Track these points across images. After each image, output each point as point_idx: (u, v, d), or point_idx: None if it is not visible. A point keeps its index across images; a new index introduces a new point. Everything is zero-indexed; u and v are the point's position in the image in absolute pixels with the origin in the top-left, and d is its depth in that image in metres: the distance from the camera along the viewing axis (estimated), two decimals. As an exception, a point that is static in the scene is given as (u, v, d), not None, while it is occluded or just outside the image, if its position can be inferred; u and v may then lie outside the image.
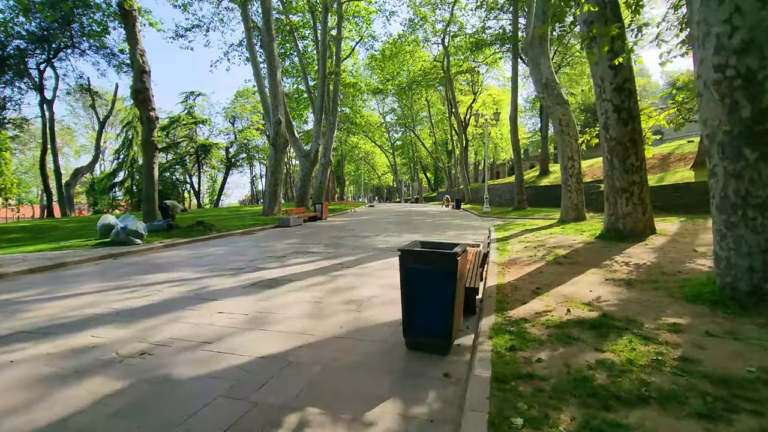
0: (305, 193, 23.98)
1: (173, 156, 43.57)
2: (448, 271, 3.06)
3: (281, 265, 7.02)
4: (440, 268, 3.09)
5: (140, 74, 12.60)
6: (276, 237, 11.75)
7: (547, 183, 25.26)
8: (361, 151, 55.03)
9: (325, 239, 10.78)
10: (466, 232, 12.32)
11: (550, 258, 6.38)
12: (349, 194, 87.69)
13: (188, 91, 43.91)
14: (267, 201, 19.38)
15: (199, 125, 45.56)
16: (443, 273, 3.08)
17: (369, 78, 45.61)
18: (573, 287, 4.62)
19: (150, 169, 12.79)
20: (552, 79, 12.52)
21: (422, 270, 3.15)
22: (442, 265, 3.08)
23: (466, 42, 32.30)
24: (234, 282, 5.75)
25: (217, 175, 54.10)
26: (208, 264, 7.30)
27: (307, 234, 12.36)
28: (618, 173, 7.76)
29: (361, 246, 9.34)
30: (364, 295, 4.92)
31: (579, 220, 12.02)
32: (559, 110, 12.36)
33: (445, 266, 3.08)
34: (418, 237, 11.12)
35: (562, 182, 12.68)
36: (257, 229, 13.92)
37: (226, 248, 9.39)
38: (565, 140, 12.37)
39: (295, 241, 10.60)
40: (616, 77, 7.62)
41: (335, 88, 29.76)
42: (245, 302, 4.70)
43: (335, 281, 5.71)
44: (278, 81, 18.70)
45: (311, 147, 24.66)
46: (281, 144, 19.05)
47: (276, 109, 18.69)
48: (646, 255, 6.13)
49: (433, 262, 3.12)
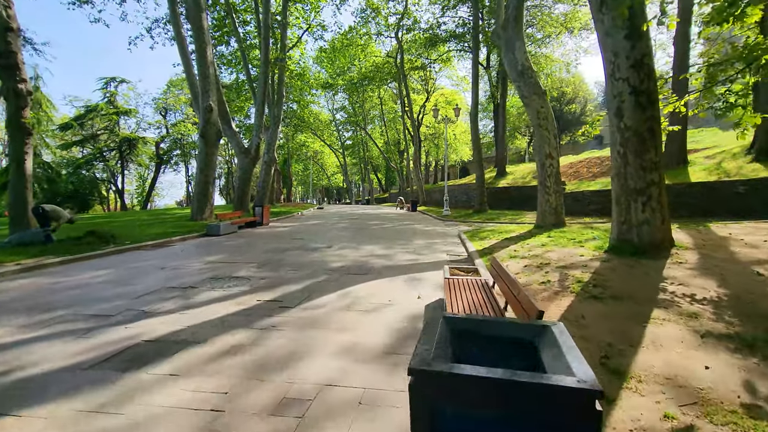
0: (244, 194, 20.99)
1: (91, 150, 37.75)
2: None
3: (182, 306, 4.57)
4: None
5: (4, 32, 9.29)
6: (197, 251, 9.08)
7: (505, 184, 24.42)
8: (310, 150, 51.96)
9: (261, 254, 8.33)
10: (435, 241, 10.46)
11: (575, 287, 4.59)
12: (296, 195, 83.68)
13: (108, 77, 38.19)
14: (195, 203, 16.27)
15: (122, 116, 39.97)
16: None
17: (318, 73, 42.92)
18: (664, 355, 2.78)
19: (20, 161, 9.50)
20: (528, 66, 11.04)
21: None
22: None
23: (419, 38, 30.86)
24: (78, 352, 3.27)
25: (149, 174, 48.21)
26: (61, 305, 4.66)
27: (240, 246, 9.79)
28: (633, 171, 6.23)
29: (309, 265, 7.06)
30: (311, 380, 2.73)
31: (558, 225, 10.64)
32: (537, 101, 10.92)
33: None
34: (379, 248, 9.04)
35: (538, 183, 11.26)
36: (176, 240, 11.05)
37: (114, 272, 6.65)
38: (543, 135, 10.96)
39: (220, 257, 8.05)
40: (633, 50, 6.07)
41: (280, 78, 26.93)
42: (66, 417, 2.32)
43: (262, 343, 3.44)
44: (209, 60, 15.72)
45: (251, 142, 21.72)
46: (213, 135, 16.06)
47: (206, 94, 15.69)
48: (698, 280, 4.54)
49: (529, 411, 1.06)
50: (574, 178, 20.20)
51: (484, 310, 3.15)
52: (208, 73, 15.71)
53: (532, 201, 19.68)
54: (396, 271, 6.40)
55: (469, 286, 3.86)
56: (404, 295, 4.89)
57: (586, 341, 3.06)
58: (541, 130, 10.96)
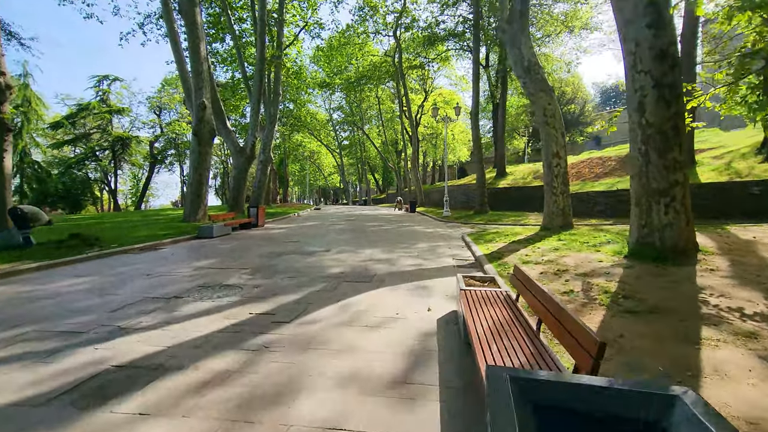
0: (239, 194, 20.46)
1: (83, 149, 37.01)
2: None
3: (164, 320, 4.07)
4: None
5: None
6: (187, 255, 8.56)
7: (505, 185, 23.99)
8: (306, 150, 51.32)
9: (254, 259, 7.82)
10: (438, 244, 9.99)
11: (603, 299, 4.13)
12: (293, 195, 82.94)
13: (101, 75, 37.45)
14: (189, 204, 15.72)
15: (115, 115, 39.24)
16: None
17: (315, 72, 42.34)
18: (734, 390, 2.32)
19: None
20: (535, 62, 10.61)
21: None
22: None
23: (418, 36, 30.39)
24: (34, 381, 2.77)
25: (145, 174, 47.39)
26: (29, 320, 4.14)
27: (233, 250, 9.28)
28: (655, 170, 5.78)
29: (305, 271, 6.56)
30: (308, 420, 2.24)
31: (566, 227, 10.22)
32: (544, 98, 10.48)
33: None
34: (379, 252, 8.55)
35: (545, 183, 10.83)
36: (167, 242, 10.53)
37: (95, 279, 6.12)
38: (550, 134, 10.53)
39: (211, 262, 7.54)
40: (656, 39, 5.63)
41: (276, 76, 26.43)
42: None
43: (251, 370, 2.94)
44: (202, 56, 15.19)
45: (247, 141, 21.18)
46: (206, 134, 15.52)
47: (199, 91, 15.16)
48: (740, 291, 4.09)
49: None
50: (577, 178, 19.79)
51: (513, 330, 2.67)
52: (202, 69, 15.18)
53: (533, 202, 19.27)
54: (400, 279, 5.92)
55: (490, 300, 3.39)
56: (412, 307, 4.41)
57: (635, 369, 2.59)
58: (548, 128, 10.53)
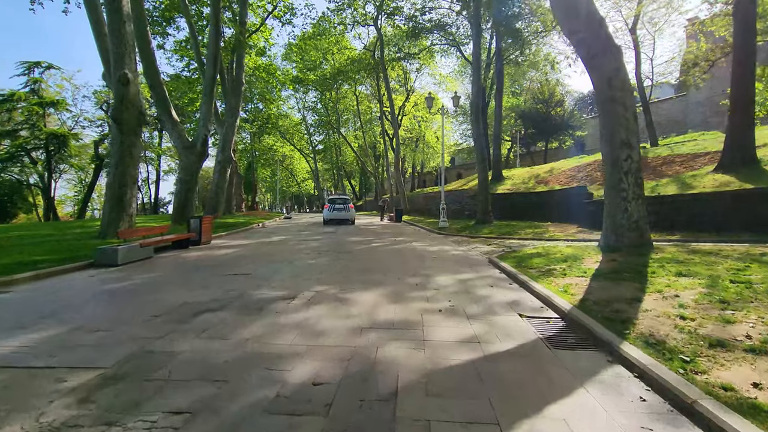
0: (187, 200, 16.31)
1: (8, 148, 31.45)
2: None
3: None
4: None
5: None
6: (26, 310, 4.65)
7: (504, 190, 20.97)
8: (278, 154, 46.97)
9: (141, 326, 4.04)
10: (466, 276, 6.48)
11: None
12: (265, 203, 77.55)
13: (31, 62, 32.06)
14: (106, 214, 11.53)
15: (51, 109, 33.89)
16: None
17: (287, 69, 38.43)
18: None
19: None
20: (595, 10, 7.42)
21: None
22: None
23: (401, 30, 27.14)
24: None
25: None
26: None
27: (125, 295, 5.42)
28: None
29: (232, 379, 2.88)
30: None
31: (644, 247, 6.98)
32: (610, 62, 7.28)
33: None
34: (384, 300, 4.94)
35: (608, 185, 7.56)
36: (27, 276, 6.49)
37: None
38: (618, 113, 7.30)
39: (55, 332, 3.70)
40: None
41: (239, 61, 22.50)
42: None
43: None
44: (124, 13, 11.19)
45: (197, 134, 17.12)
46: (132, 119, 11.46)
47: (120, 61, 11.16)
48: None
49: None
50: (593, 182, 16.92)
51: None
52: (124, 31, 11.18)
53: (538, 210, 16.31)
54: (463, 411, 2.35)
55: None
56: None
57: None
58: (614, 105, 7.30)
